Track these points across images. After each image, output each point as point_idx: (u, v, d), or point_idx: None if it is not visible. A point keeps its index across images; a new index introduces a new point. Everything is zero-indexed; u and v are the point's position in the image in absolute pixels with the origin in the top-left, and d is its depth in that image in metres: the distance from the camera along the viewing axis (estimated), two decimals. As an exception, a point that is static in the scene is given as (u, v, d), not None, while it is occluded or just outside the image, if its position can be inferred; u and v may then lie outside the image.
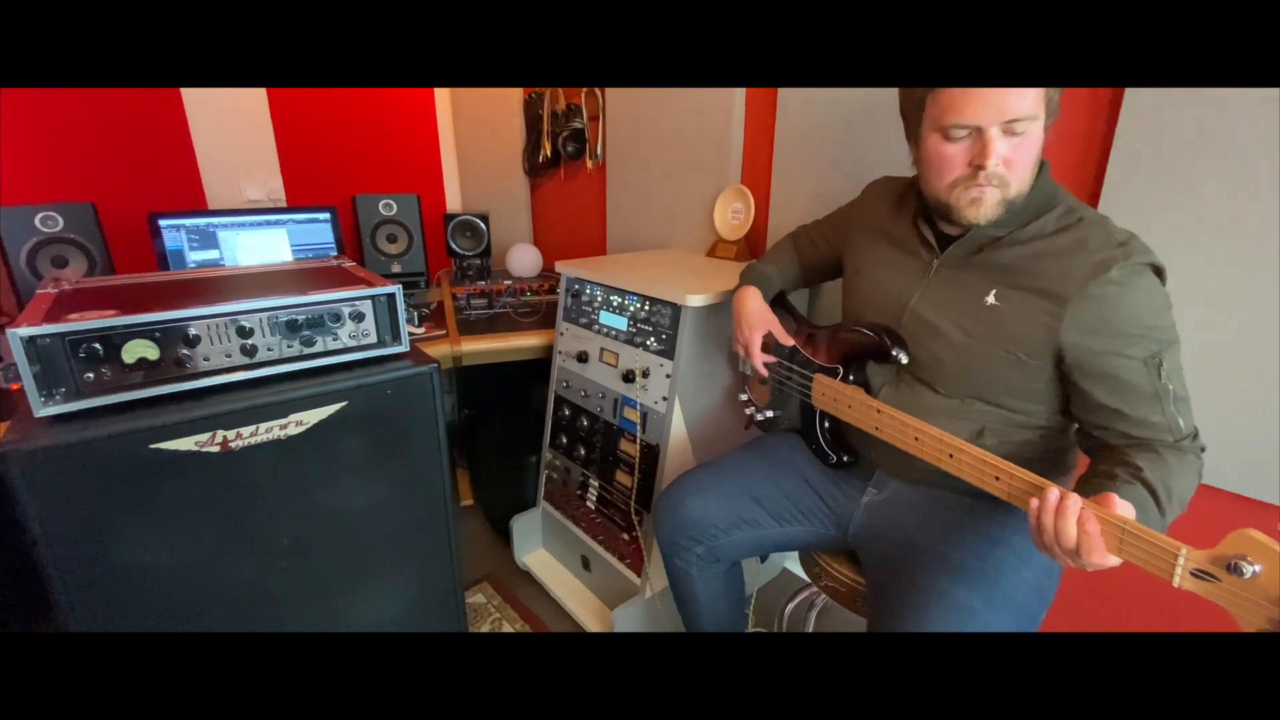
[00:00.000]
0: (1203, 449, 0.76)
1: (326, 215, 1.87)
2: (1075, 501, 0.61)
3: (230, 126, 1.99)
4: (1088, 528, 0.59)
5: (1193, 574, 0.54)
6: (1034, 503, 0.64)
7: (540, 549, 1.75)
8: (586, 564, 1.56)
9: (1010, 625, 0.75)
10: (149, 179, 1.85)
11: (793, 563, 1.75)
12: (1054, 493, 0.63)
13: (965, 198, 0.78)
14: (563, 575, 1.65)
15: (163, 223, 1.62)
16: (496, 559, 1.78)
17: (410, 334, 1.58)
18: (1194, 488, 0.72)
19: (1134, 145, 0.97)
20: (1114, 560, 0.59)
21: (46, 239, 1.50)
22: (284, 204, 2.16)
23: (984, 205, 0.77)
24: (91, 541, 0.81)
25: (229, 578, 0.93)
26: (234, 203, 2.04)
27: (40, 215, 1.49)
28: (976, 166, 0.75)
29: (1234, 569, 0.51)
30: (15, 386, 1.17)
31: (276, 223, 1.78)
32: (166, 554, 0.87)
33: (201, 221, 1.68)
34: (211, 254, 1.70)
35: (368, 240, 1.99)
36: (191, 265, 1.67)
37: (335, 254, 1.88)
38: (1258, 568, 0.50)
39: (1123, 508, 0.60)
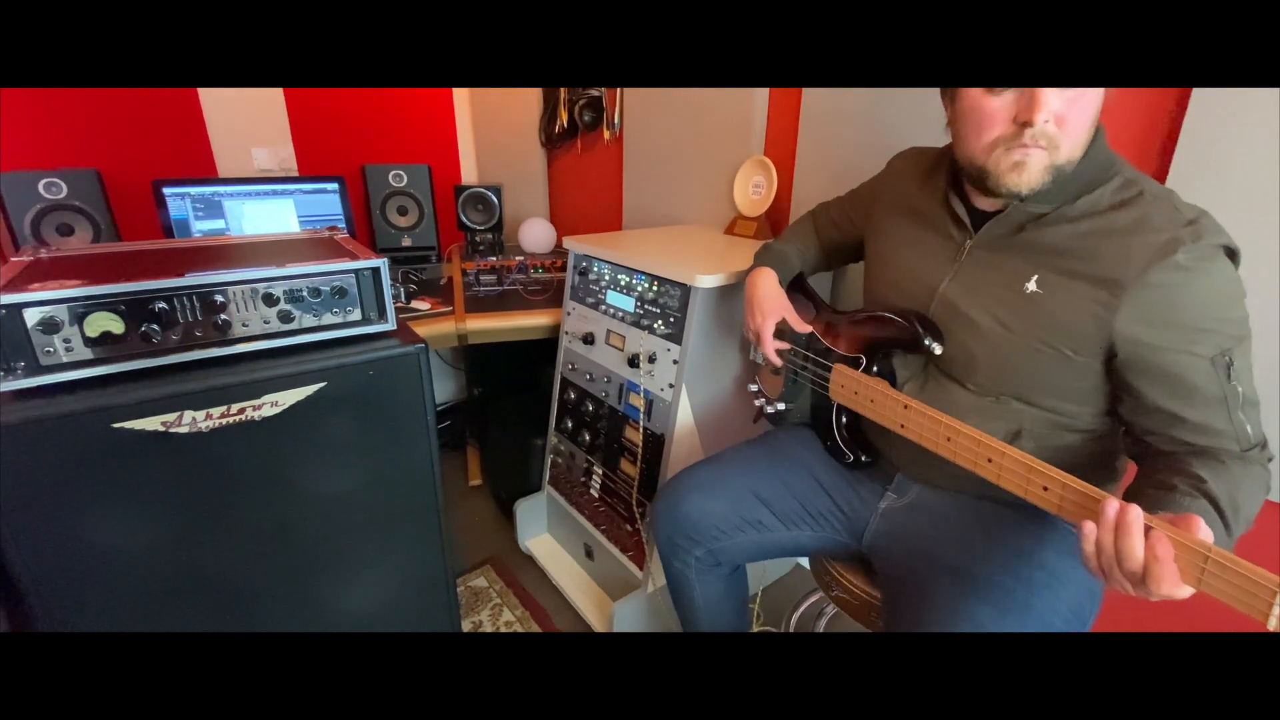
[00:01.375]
0: (1270, 459, 0.65)
1: (334, 185, 1.82)
2: (1137, 514, 0.51)
3: (240, 92, 1.94)
4: (1158, 551, 0.50)
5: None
6: (1084, 528, 0.55)
7: (545, 534, 1.70)
8: (589, 552, 1.51)
9: (1042, 659, 0.66)
10: (157, 146, 1.81)
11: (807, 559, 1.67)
12: (1112, 506, 0.53)
13: (1007, 161, 0.67)
14: (566, 562, 1.60)
15: (167, 191, 1.59)
16: (501, 541, 1.75)
17: (414, 310, 1.54)
18: (1260, 504, 0.62)
19: (1213, 110, 0.84)
20: (1187, 591, 0.50)
21: (51, 205, 1.48)
22: (295, 173, 2.12)
23: (1028, 170, 0.66)
24: (56, 523, 0.77)
25: (206, 562, 0.89)
26: (245, 171, 2.00)
27: (44, 181, 1.47)
28: (1022, 123, 0.64)
29: None
30: None
31: (283, 192, 1.74)
32: (136, 536, 0.83)
33: (207, 190, 1.64)
34: (217, 223, 1.66)
35: (377, 212, 1.94)
36: (197, 235, 1.64)
37: (343, 226, 1.83)
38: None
39: (1204, 534, 0.50)
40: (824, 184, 1.35)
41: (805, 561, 1.66)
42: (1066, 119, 0.63)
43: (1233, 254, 0.64)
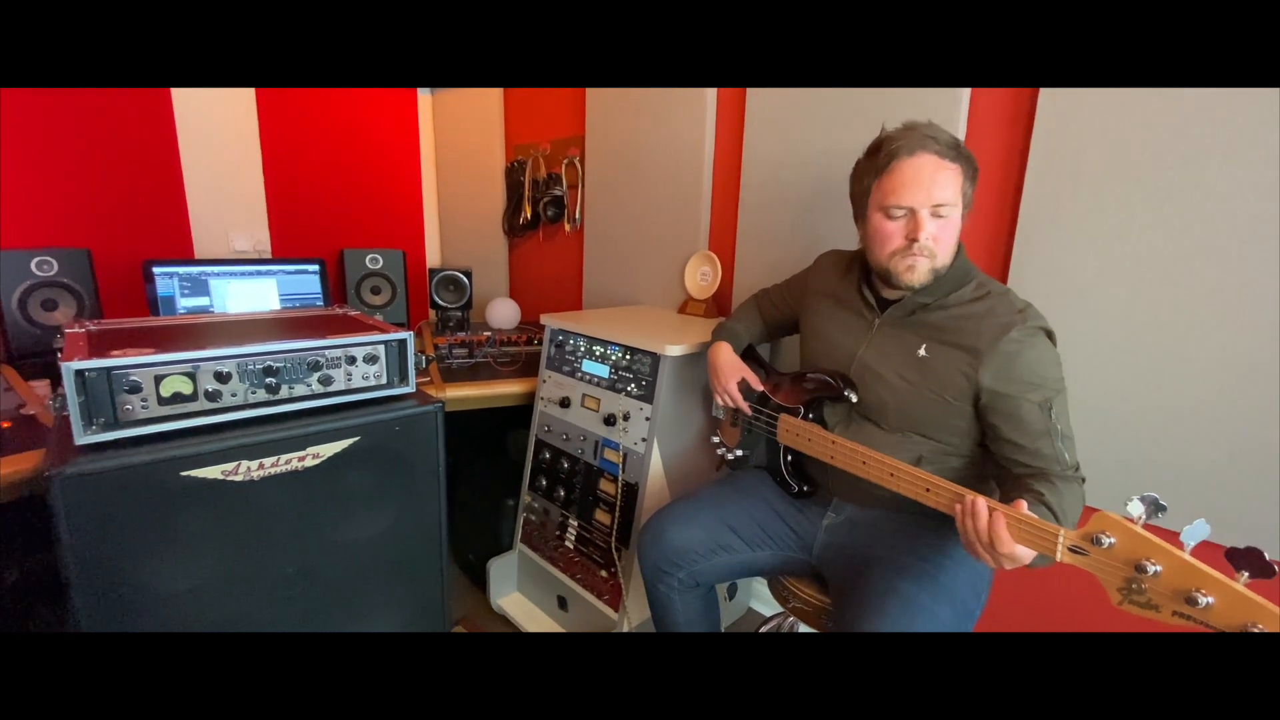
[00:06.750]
0: (1084, 479, 0.92)
1: (315, 267, 1.96)
2: (982, 503, 0.76)
3: (223, 180, 2.08)
4: (996, 527, 0.74)
5: (1070, 549, 0.70)
6: (958, 507, 0.79)
7: (515, 592, 1.79)
8: (563, 604, 1.62)
9: (951, 615, 0.88)
10: (141, 227, 1.91)
11: (758, 603, 1.85)
12: (969, 498, 0.78)
13: (902, 265, 0.96)
14: (538, 617, 1.69)
15: (157, 270, 1.68)
16: (470, 603, 1.81)
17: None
18: (1080, 509, 0.89)
19: (1034, 225, 1.19)
20: (1024, 552, 0.74)
21: (40, 282, 1.54)
22: (269, 255, 2.24)
23: (917, 271, 0.95)
24: (119, 568, 0.85)
25: (234, 606, 0.97)
26: (220, 252, 2.11)
27: (36, 259, 1.54)
28: (911, 240, 0.93)
29: (1096, 541, 0.67)
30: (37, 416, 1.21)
31: (267, 273, 1.86)
32: (181, 580, 0.91)
33: (194, 270, 1.74)
34: (202, 300, 1.75)
35: (352, 291, 2.08)
36: (181, 311, 1.72)
37: (322, 304, 1.96)
38: (1113, 539, 0.66)
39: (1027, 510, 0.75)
40: (759, 274, 1.65)
41: (758, 605, 1.84)
42: (939, 237, 0.93)
43: (1050, 334, 0.93)
